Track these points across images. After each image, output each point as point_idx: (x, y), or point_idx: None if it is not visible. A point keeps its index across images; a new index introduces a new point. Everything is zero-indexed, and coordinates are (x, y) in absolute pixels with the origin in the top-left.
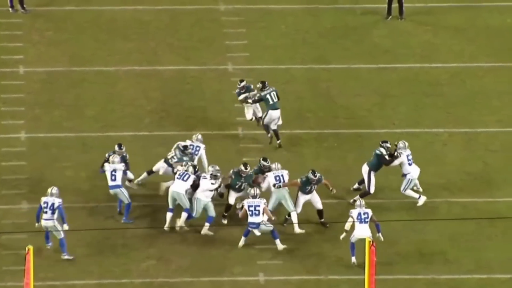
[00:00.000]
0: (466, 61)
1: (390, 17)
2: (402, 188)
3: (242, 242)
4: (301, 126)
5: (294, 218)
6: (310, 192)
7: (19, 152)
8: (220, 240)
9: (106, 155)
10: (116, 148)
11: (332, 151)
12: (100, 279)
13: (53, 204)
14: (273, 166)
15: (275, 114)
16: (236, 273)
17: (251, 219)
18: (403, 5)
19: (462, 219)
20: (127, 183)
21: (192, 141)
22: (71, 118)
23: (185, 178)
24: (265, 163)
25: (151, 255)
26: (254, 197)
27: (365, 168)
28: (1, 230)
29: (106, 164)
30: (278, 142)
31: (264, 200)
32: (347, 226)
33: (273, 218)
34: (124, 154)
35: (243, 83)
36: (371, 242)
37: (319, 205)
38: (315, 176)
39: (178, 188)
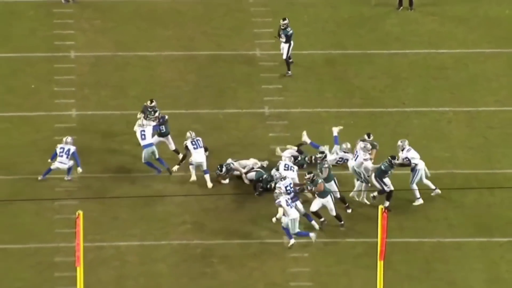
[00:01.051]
0: (469, 47)
1: (401, 8)
2: (411, 182)
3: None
4: (321, 105)
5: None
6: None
7: (70, 128)
8: (248, 207)
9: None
10: (148, 103)
11: (348, 127)
12: (141, 241)
13: (68, 150)
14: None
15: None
16: (263, 236)
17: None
18: None
19: (464, 188)
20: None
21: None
22: (116, 98)
23: (199, 145)
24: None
25: (187, 220)
26: (282, 179)
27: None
28: (54, 197)
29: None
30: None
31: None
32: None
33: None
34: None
35: (286, 21)
36: (383, 209)
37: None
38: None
39: (201, 157)
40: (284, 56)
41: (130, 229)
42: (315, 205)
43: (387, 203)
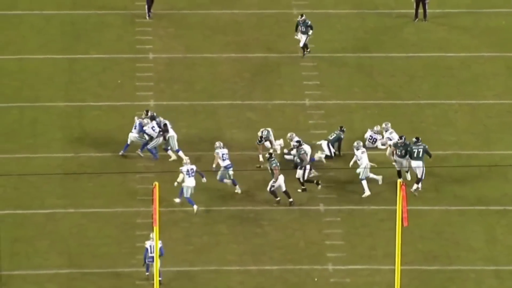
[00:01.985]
0: (472, 51)
1: (417, 19)
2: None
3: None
4: (351, 98)
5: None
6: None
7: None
8: (290, 180)
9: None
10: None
11: (373, 117)
12: (206, 207)
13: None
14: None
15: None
16: (303, 203)
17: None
18: (427, 10)
19: (467, 166)
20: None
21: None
22: (185, 91)
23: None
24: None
25: (242, 191)
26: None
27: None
28: (136, 171)
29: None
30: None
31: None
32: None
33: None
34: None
35: (303, 17)
36: (401, 183)
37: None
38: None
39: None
40: (302, 44)
41: (197, 197)
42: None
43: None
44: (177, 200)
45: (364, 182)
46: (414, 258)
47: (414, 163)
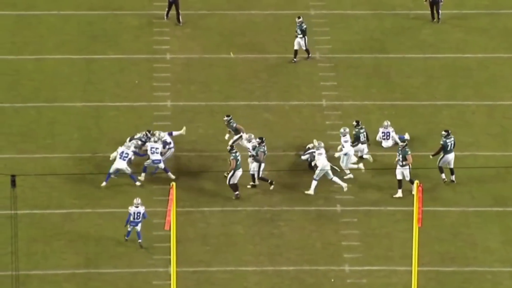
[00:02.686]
0: (489, 52)
1: (434, 20)
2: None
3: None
4: (368, 98)
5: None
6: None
7: (166, 115)
8: (306, 181)
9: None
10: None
11: (390, 117)
12: (222, 207)
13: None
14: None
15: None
16: (320, 204)
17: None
18: (440, 12)
19: (484, 167)
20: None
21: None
22: (202, 92)
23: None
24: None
25: (259, 191)
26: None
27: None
28: (151, 171)
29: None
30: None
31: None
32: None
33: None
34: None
35: (300, 19)
36: (418, 184)
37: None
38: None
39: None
40: (304, 47)
41: (213, 198)
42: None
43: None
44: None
45: (336, 179)
46: (431, 259)
47: (449, 156)
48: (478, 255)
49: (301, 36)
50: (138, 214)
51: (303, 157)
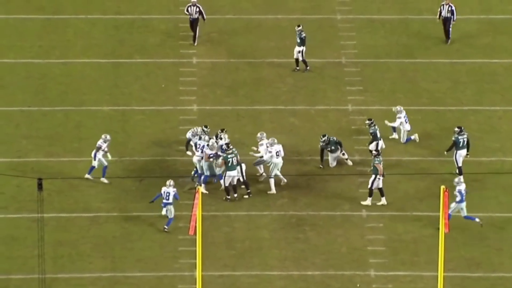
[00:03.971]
0: None
1: (448, 41)
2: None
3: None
4: (394, 103)
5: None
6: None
7: (192, 120)
8: (333, 186)
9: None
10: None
11: (416, 123)
12: (248, 211)
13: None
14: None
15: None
16: (346, 209)
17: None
18: (450, 32)
19: (511, 173)
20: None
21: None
22: (229, 96)
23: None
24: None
25: (284, 195)
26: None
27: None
28: (177, 175)
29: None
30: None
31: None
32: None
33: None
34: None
35: (300, 27)
36: (444, 189)
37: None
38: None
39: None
40: (301, 58)
41: (239, 202)
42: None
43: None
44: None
45: (272, 180)
46: (457, 264)
47: (461, 152)
48: (504, 260)
49: (299, 43)
50: (168, 194)
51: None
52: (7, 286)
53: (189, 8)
